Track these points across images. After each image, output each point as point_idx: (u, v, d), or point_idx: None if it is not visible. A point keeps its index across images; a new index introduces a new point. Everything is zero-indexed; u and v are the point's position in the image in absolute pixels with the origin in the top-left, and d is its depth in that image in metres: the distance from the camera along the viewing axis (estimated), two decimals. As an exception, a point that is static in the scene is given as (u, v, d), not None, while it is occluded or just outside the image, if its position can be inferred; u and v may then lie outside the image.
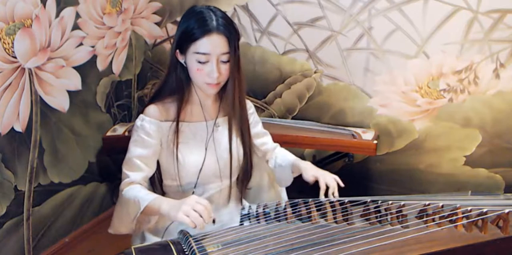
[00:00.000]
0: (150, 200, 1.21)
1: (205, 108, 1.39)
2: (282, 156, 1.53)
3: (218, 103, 1.41)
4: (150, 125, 1.31)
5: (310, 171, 1.37)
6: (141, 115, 1.34)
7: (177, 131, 1.33)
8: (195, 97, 1.37)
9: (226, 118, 1.40)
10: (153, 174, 1.37)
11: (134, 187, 1.29)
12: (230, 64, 1.26)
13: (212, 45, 1.22)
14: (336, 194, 1.32)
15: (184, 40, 1.25)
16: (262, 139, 1.54)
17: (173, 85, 1.34)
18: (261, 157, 1.55)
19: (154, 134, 1.32)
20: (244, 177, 1.45)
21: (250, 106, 1.48)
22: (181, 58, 1.30)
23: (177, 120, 1.33)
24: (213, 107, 1.40)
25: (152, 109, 1.33)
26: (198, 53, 1.23)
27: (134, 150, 1.32)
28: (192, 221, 1.10)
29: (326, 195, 1.31)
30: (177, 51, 1.29)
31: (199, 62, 1.24)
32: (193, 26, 1.23)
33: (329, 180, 1.33)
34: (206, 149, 1.37)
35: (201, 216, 1.10)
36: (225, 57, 1.25)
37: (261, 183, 1.57)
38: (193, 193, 1.39)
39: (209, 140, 1.38)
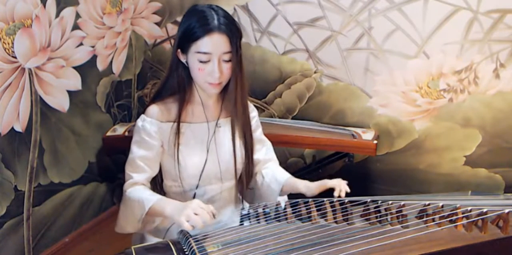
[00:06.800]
0: (154, 202, 1.22)
1: (207, 109, 1.37)
2: (272, 176, 1.44)
3: (220, 103, 1.40)
4: (151, 126, 1.31)
5: (313, 185, 1.32)
6: (142, 116, 1.34)
7: (178, 132, 1.32)
8: (197, 97, 1.36)
9: (228, 119, 1.39)
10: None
11: (138, 188, 1.30)
12: (232, 63, 1.26)
13: (213, 44, 1.21)
14: (343, 194, 1.28)
15: (185, 40, 1.25)
16: (256, 146, 1.47)
17: (175, 85, 1.33)
18: None
19: (155, 135, 1.31)
20: (245, 178, 1.44)
21: (252, 109, 1.47)
22: (182, 58, 1.29)
23: (178, 121, 1.32)
24: (215, 108, 1.39)
25: (153, 109, 1.33)
26: (199, 52, 1.22)
27: (137, 151, 1.32)
28: (191, 225, 1.10)
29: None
30: (179, 50, 1.29)
31: (201, 61, 1.23)
32: (194, 25, 1.22)
33: (335, 181, 1.30)
34: (207, 151, 1.36)
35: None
36: (226, 56, 1.24)
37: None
38: (194, 194, 1.39)
39: (210, 142, 1.37)
